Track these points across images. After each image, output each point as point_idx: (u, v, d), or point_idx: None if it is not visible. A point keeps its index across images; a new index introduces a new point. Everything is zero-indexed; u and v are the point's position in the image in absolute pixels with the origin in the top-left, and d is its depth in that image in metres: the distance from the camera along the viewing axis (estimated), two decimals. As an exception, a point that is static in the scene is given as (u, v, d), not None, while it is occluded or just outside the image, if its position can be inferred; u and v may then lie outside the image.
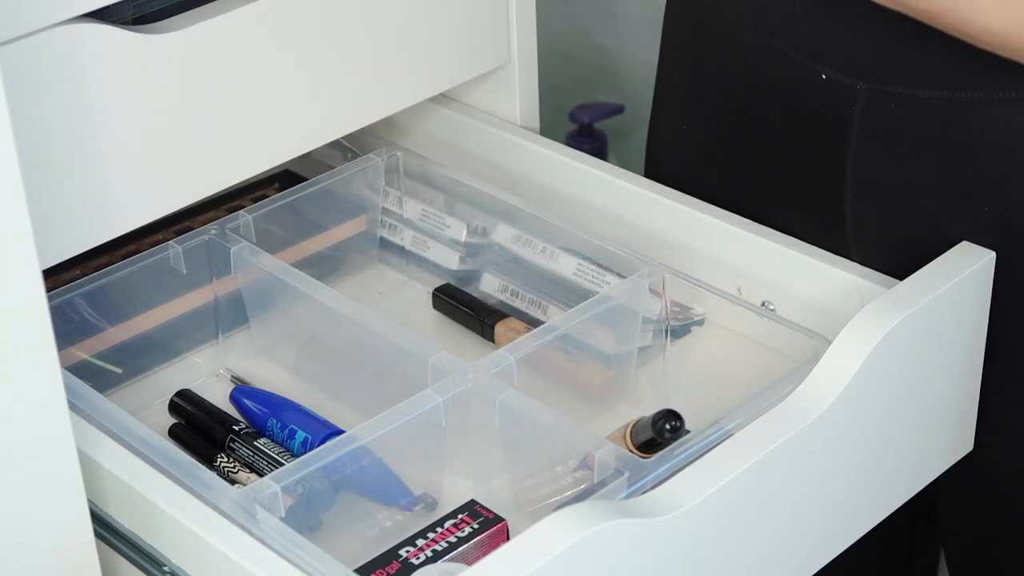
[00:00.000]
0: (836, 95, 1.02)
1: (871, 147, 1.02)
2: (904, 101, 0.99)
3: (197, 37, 0.96)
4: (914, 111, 0.99)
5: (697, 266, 1.06)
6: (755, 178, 1.10)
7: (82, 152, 0.93)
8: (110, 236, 0.97)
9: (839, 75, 1.01)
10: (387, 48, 1.08)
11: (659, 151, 1.21)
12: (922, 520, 1.27)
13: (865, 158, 1.02)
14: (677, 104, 1.17)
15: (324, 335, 1.05)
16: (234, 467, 0.97)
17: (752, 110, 1.08)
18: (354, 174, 1.13)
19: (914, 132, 1.00)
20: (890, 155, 1.01)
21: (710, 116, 1.12)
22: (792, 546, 0.93)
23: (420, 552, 0.89)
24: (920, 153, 1.00)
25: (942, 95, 0.98)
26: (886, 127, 1.01)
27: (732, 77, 1.08)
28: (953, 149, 0.99)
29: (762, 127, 1.08)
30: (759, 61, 1.05)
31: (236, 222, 1.07)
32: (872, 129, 1.01)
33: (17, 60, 0.88)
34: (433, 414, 0.92)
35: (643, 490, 0.86)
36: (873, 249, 1.04)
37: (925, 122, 0.99)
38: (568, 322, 0.99)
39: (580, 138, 2.08)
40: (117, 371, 1.04)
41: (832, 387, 0.90)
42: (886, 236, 1.03)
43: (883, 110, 1.00)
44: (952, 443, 1.03)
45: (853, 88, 1.01)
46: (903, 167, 1.01)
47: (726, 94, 1.10)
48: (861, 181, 1.03)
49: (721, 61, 1.09)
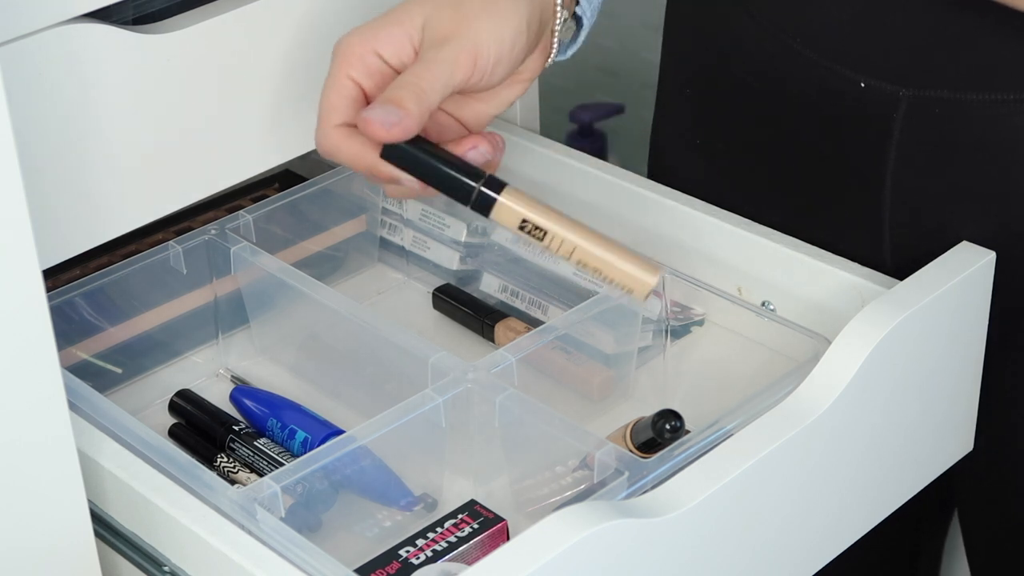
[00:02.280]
0: (875, 103, 1.00)
1: (913, 154, 1.00)
2: (949, 106, 0.98)
3: (197, 37, 0.96)
4: (960, 115, 0.98)
5: (697, 266, 1.06)
6: (781, 193, 1.09)
7: (82, 152, 0.93)
8: (110, 236, 0.97)
9: (879, 82, 0.99)
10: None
11: (664, 166, 1.19)
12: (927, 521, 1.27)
13: (906, 165, 1.01)
14: (687, 120, 1.15)
15: (324, 335, 1.05)
16: (234, 467, 0.97)
17: (778, 123, 1.06)
18: (354, 174, 1.13)
19: (960, 136, 0.98)
20: (933, 161, 1.00)
21: (728, 132, 1.11)
22: (792, 546, 0.93)
23: (420, 552, 0.89)
24: (965, 157, 0.99)
25: (989, 97, 0.97)
26: (930, 133, 0.99)
27: (755, 91, 1.07)
28: (1001, 152, 0.98)
29: (789, 140, 1.06)
30: (785, 73, 1.04)
31: (236, 222, 1.07)
32: (914, 136, 1.00)
33: (17, 60, 0.88)
34: (433, 414, 0.92)
35: (643, 490, 0.86)
36: (911, 257, 1.02)
37: (971, 126, 0.98)
38: (568, 322, 0.99)
39: (580, 138, 2.09)
40: (117, 371, 1.04)
41: (832, 387, 0.90)
42: (926, 243, 1.01)
43: (927, 116, 0.99)
44: (952, 443, 1.03)
45: (895, 95, 0.99)
46: (947, 173, 1.00)
47: (748, 108, 1.08)
48: (901, 189, 1.02)
49: (741, 76, 1.08)
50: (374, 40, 0.91)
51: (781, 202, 1.08)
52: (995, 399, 1.04)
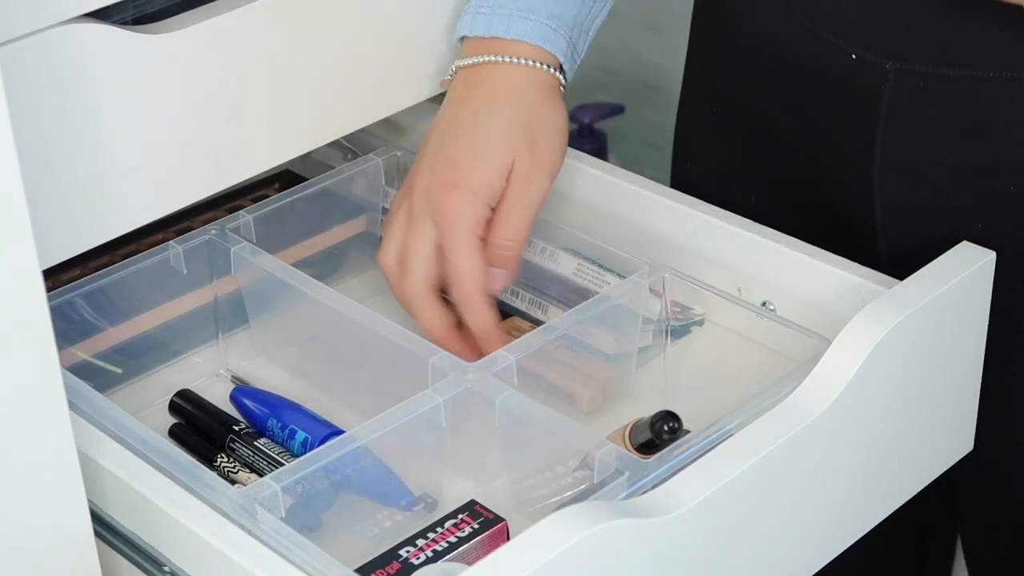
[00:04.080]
0: (866, 74, 1.02)
1: (900, 126, 1.02)
2: (934, 80, 1.00)
3: (197, 37, 0.96)
4: (944, 90, 1.00)
5: (697, 266, 1.06)
6: (785, 158, 1.10)
7: (82, 152, 0.93)
8: (110, 236, 0.97)
9: (869, 54, 1.01)
10: (387, 48, 1.08)
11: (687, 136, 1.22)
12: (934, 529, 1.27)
13: (894, 137, 1.03)
14: (706, 91, 1.17)
15: (324, 335, 1.05)
16: (234, 467, 0.97)
17: (781, 91, 1.09)
18: (354, 174, 1.13)
19: (944, 111, 1.00)
20: (919, 134, 1.02)
21: (739, 100, 1.13)
22: (792, 546, 0.93)
23: (420, 552, 0.89)
24: (949, 132, 1.01)
25: (972, 74, 0.98)
26: (915, 106, 1.01)
27: (762, 60, 1.09)
28: (983, 128, 0.99)
29: (792, 108, 1.08)
30: (788, 41, 1.06)
31: (236, 222, 1.07)
32: (901, 108, 1.02)
33: (17, 60, 0.87)
34: (433, 414, 0.92)
35: (643, 490, 0.86)
36: (900, 228, 1.05)
37: (955, 101, 0.99)
38: (568, 322, 0.99)
39: (580, 138, 2.08)
40: (117, 371, 1.04)
41: (832, 387, 0.90)
42: (913, 215, 1.04)
43: (912, 89, 1.01)
44: (952, 443, 1.03)
45: (883, 67, 1.01)
46: (932, 146, 1.02)
47: (756, 77, 1.11)
48: (890, 160, 1.04)
49: (751, 43, 1.10)
50: (481, 194, 0.99)
51: (784, 169, 1.10)
52: (995, 399, 1.04)
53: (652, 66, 2.10)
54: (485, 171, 0.98)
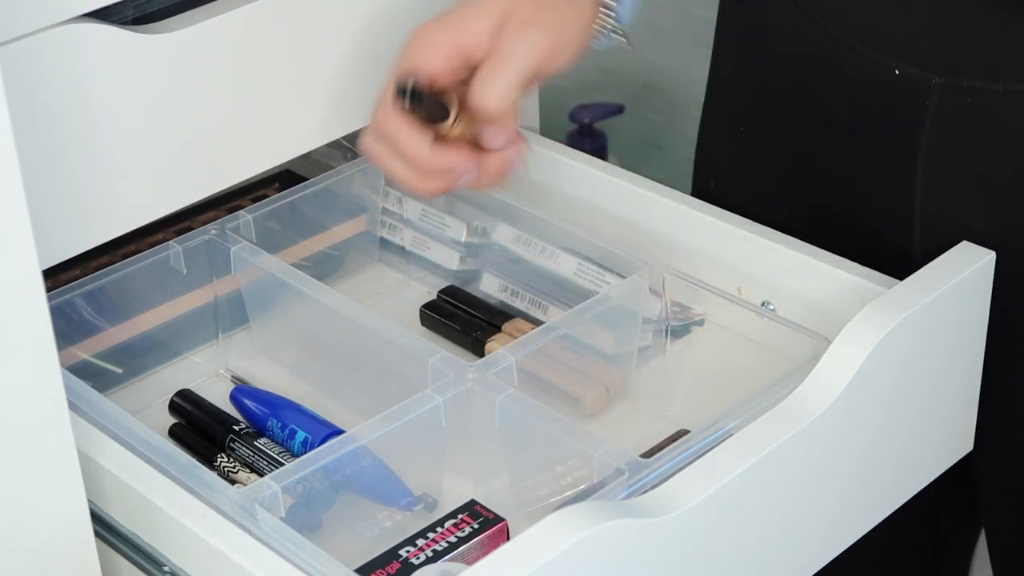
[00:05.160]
0: (909, 90, 1.00)
1: (944, 143, 1.01)
2: (980, 95, 0.98)
3: (197, 37, 0.96)
4: (991, 105, 0.98)
5: (697, 266, 1.06)
6: (818, 177, 1.09)
7: (82, 152, 0.93)
8: (110, 236, 0.97)
9: (913, 69, 1.00)
10: (387, 48, 1.08)
11: (711, 156, 1.20)
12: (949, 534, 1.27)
13: (938, 153, 1.01)
14: (732, 108, 1.16)
15: (324, 335, 1.05)
16: (234, 467, 0.97)
17: (815, 107, 1.07)
18: (354, 174, 1.13)
19: (989, 126, 0.99)
20: (964, 149, 1.01)
21: (768, 117, 1.12)
22: (792, 546, 0.93)
23: (420, 552, 0.89)
24: (995, 148, 1.00)
25: (1019, 88, 0.97)
26: (961, 121, 1.00)
27: (794, 76, 1.08)
28: None
29: (826, 125, 1.07)
30: (823, 59, 1.04)
31: (236, 222, 1.07)
32: (946, 124, 1.00)
33: (17, 60, 0.88)
34: (433, 414, 0.92)
35: (643, 490, 0.86)
36: (941, 245, 1.02)
37: (1001, 116, 0.98)
38: (568, 322, 0.99)
39: (580, 138, 2.08)
40: (117, 371, 1.04)
41: (832, 387, 0.90)
42: (956, 234, 1.02)
43: (958, 105, 0.99)
44: (952, 443, 1.03)
45: (928, 82, 0.99)
46: (977, 163, 1.01)
47: (787, 93, 1.09)
48: (932, 176, 1.02)
49: (782, 61, 1.09)
50: (457, 33, 0.94)
51: (816, 187, 1.09)
52: (995, 399, 1.04)
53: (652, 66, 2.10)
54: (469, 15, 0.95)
